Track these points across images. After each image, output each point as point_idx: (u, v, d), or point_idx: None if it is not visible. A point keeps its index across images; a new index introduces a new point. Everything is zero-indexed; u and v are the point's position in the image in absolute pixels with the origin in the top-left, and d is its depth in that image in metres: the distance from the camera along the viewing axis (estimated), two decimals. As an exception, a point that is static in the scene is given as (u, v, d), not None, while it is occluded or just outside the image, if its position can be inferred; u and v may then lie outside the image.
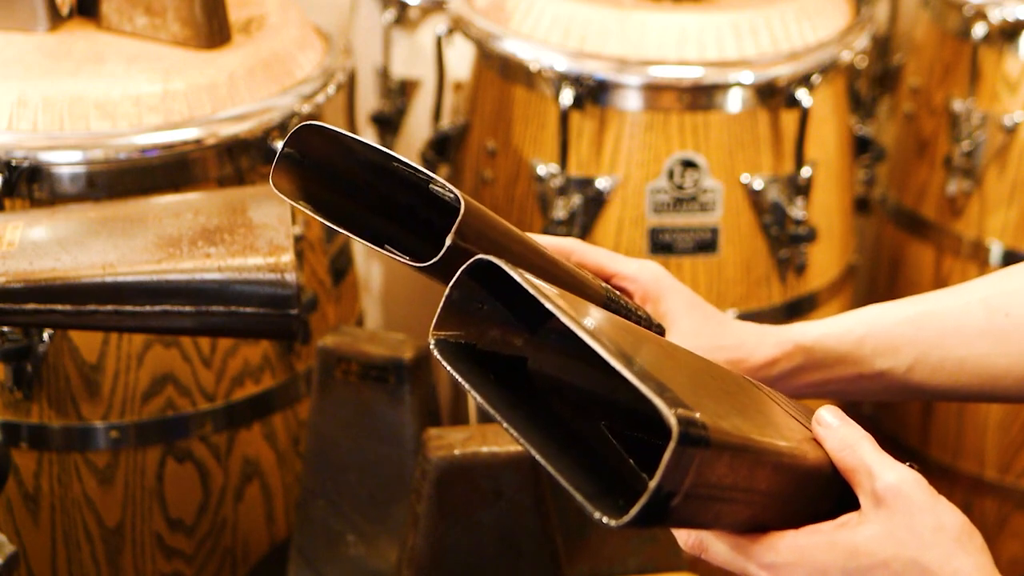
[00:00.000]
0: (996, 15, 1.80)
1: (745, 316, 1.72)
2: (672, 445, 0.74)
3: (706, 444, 0.76)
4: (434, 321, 0.85)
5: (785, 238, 1.71)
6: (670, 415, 0.74)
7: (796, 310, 1.77)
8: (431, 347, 0.85)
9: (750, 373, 1.03)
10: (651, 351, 0.82)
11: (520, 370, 0.86)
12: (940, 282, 1.90)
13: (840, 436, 0.87)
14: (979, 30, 1.81)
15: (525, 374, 0.86)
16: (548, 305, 0.79)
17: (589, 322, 0.80)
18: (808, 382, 1.05)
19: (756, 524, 0.85)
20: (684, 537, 0.87)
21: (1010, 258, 1.84)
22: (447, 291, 0.84)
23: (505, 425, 0.81)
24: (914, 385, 1.05)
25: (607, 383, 0.83)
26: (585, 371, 0.85)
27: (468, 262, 0.82)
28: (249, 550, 1.56)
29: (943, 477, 1.94)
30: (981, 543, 0.82)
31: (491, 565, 1.23)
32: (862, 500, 0.84)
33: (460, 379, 0.84)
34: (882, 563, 0.81)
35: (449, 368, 0.84)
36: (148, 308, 1.10)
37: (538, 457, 0.80)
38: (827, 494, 0.86)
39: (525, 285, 0.80)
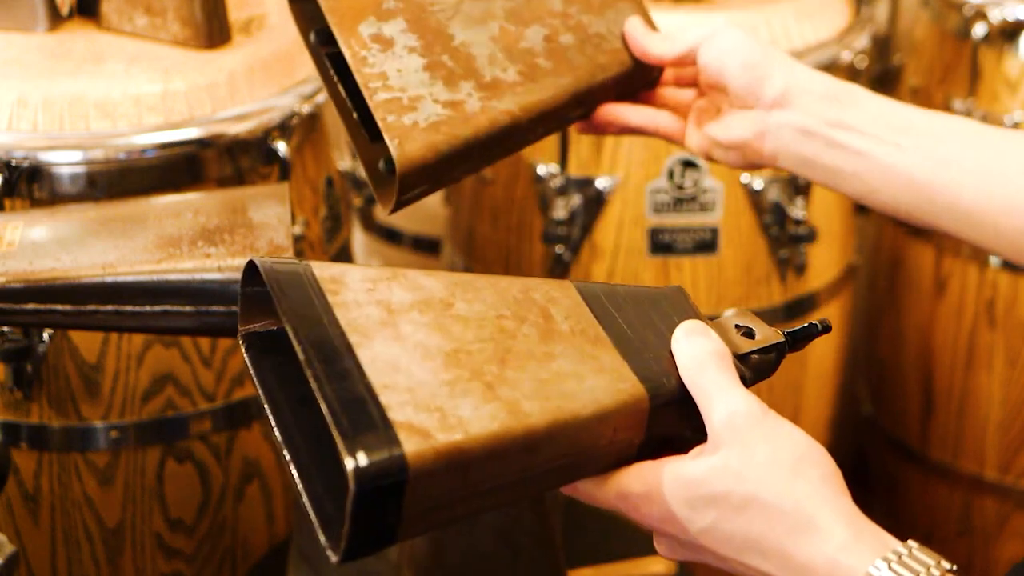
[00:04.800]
0: (996, 15, 1.80)
1: (745, 316, 1.72)
2: (350, 498, 0.72)
3: (399, 485, 0.73)
4: (238, 322, 0.84)
5: (785, 238, 1.71)
6: (347, 462, 0.72)
7: (796, 310, 1.77)
8: (241, 349, 0.84)
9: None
10: (389, 341, 0.79)
11: None
12: (940, 282, 1.90)
13: (685, 358, 0.85)
14: (979, 30, 1.81)
15: None
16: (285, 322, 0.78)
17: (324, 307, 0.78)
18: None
19: (603, 470, 0.84)
20: None
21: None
22: (240, 291, 0.83)
23: (275, 431, 0.80)
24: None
25: None
26: None
27: (245, 267, 0.81)
28: (249, 550, 1.56)
29: (943, 477, 1.94)
30: (826, 466, 0.81)
31: (490, 564, 1.24)
32: (708, 428, 0.83)
33: (252, 373, 0.82)
34: (722, 495, 0.80)
35: (249, 365, 0.83)
36: (148, 308, 1.10)
37: (294, 472, 0.78)
38: (689, 417, 0.84)
39: (270, 287, 0.79)
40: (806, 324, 0.90)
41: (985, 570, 1.95)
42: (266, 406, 0.82)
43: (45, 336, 1.42)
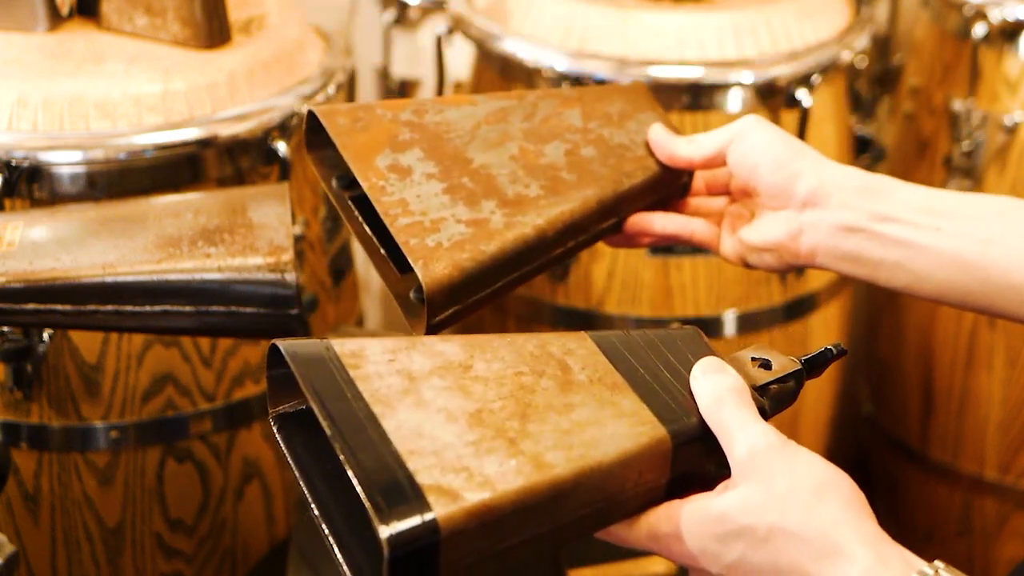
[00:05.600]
0: (996, 15, 1.80)
1: (745, 316, 1.72)
2: (385, 565, 0.74)
3: (432, 547, 0.75)
4: (268, 404, 0.86)
5: (785, 238, 1.71)
6: (380, 531, 0.74)
7: (796, 310, 1.77)
8: (273, 430, 0.86)
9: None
10: (412, 408, 0.81)
11: None
12: (940, 282, 1.90)
13: (705, 396, 0.87)
14: (979, 30, 1.81)
15: None
16: (303, 386, 0.80)
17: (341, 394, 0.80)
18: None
19: (633, 512, 0.86)
20: None
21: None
22: (266, 374, 0.86)
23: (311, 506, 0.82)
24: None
25: None
26: None
27: (269, 351, 0.84)
28: (249, 550, 1.56)
29: (943, 477, 1.94)
30: (847, 491, 0.82)
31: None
32: (730, 463, 0.85)
33: (286, 452, 0.85)
34: (747, 529, 0.82)
35: (283, 445, 0.85)
36: (148, 308, 1.10)
37: (333, 545, 0.81)
38: (712, 453, 0.86)
39: (294, 367, 0.81)
40: (821, 350, 0.92)
41: (985, 570, 1.95)
42: (301, 483, 0.84)
43: (45, 336, 1.42)
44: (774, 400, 0.90)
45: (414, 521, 0.75)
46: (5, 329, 1.40)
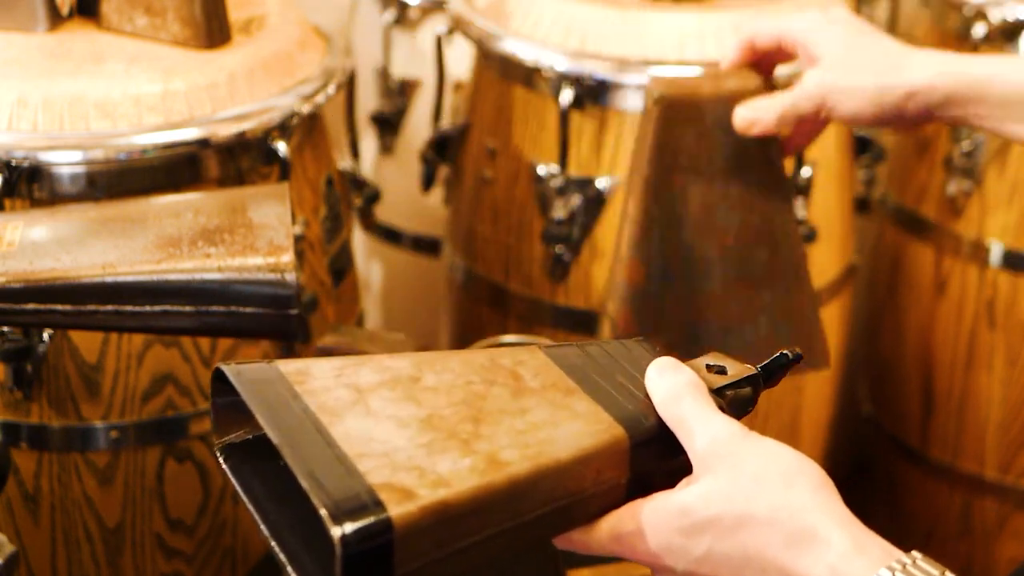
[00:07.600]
0: (996, 15, 1.80)
1: (745, 316, 1.72)
2: (337, 564, 0.73)
3: (386, 546, 0.74)
4: (214, 434, 0.85)
5: (785, 238, 1.71)
6: (332, 531, 0.73)
7: (796, 310, 1.77)
8: (219, 460, 0.85)
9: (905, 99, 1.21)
10: (361, 416, 0.80)
11: None
12: (940, 282, 1.90)
13: (661, 392, 0.85)
14: (979, 30, 1.81)
15: None
16: (244, 395, 0.79)
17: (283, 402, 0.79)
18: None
19: (594, 516, 0.84)
20: None
21: (1010, 258, 1.84)
22: (211, 402, 0.84)
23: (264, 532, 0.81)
24: None
25: None
26: None
27: (212, 376, 0.83)
28: (249, 550, 1.57)
29: (943, 477, 1.94)
30: (817, 477, 0.80)
31: (490, 564, 1.23)
32: (691, 458, 0.83)
33: (233, 480, 0.84)
34: (714, 519, 0.80)
35: (230, 474, 0.85)
36: (148, 308, 1.10)
37: (287, 564, 0.80)
38: (672, 451, 0.85)
39: (230, 375, 0.81)
40: (776, 355, 0.90)
41: (985, 570, 1.95)
42: (252, 511, 0.83)
43: (45, 336, 1.42)
44: (731, 405, 0.87)
45: (367, 520, 0.73)
46: (5, 329, 1.40)
